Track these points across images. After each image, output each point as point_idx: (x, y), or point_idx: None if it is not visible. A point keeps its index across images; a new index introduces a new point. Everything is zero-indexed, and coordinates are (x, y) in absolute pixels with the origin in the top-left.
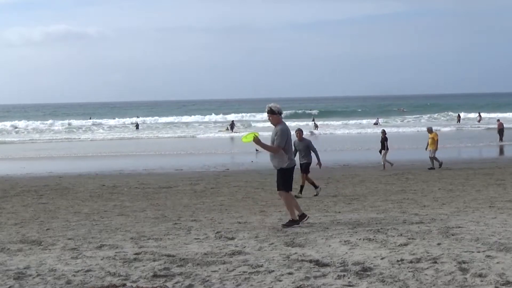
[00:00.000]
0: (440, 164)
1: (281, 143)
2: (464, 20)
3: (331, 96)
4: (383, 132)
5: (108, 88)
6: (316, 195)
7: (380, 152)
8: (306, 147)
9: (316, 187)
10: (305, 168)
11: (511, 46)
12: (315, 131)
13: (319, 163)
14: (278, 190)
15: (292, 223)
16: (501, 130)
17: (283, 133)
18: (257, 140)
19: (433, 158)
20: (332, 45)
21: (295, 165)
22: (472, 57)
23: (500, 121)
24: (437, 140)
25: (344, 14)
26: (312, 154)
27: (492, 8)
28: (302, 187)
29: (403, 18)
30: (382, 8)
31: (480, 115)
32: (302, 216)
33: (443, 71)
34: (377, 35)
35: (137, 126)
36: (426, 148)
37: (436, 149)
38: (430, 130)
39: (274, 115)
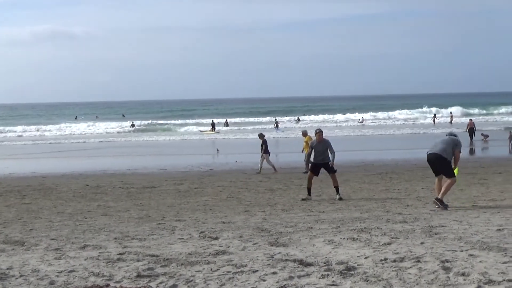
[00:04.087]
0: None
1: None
2: (450, 21)
3: (320, 95)
4: (261, 135)
5: (96, 88)
6: (304, 199)
7: (262, 155)
8: (326, 149)
9: (309, 194)
10: (330, 168)
11: (496, 47)
12: (276, 131)
13: (332, 163)
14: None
15: (443, 204)
16: (471, 130)
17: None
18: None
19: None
20: (321, 44)
21: (427, 155)
22: (458, 58)
23: (472, 120)
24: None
25: (331, 14)
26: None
27: (477, 10)
28: (337, 187)
29: (391, 18)
30: (369, 9)
31: (451, 116)
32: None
33: (430, 71)
34: (364, 35)
35: (132, 125)
36: (302, 151)
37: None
38: (305, 134)
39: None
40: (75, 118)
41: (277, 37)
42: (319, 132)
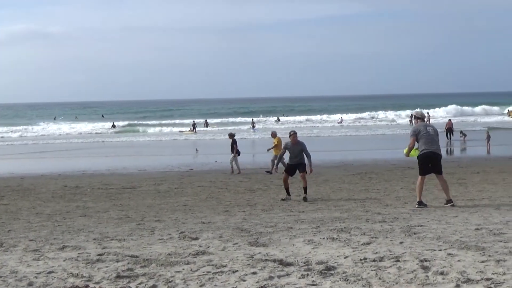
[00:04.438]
0: (270, 172)
1: (410, 134)
2: (424, 22)
3: (303, 96)
4: (231, 135)
5: (74, 88)
6: (284, 199)
7: (234, 155)
8: (300, 151)
9: (289, 194)
10: (303, 168)
11: (471, 47)
12: (252, 130)
13: (311, 169)
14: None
15: (421, 204)
16: (449, 130)
17: (413, 128)
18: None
19: (274, 161)
20: (296, 45)
21: (429, 153)
22: (432, 57)
23: (450, 120)
24: (279, 144)
25: (305, 14)
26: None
27: (451, 11)
28: (305, 188)
29: (365, 19)
30: (344, 9)
31: (429, 115)
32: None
33: (403, 71)
34: (339, 36)
35: (113, 126)
36: (268, 150)
37: (278, 153)
38: (274, 135)
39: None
40: (54, 119)
41: (260, 37)
42: (293, 134)
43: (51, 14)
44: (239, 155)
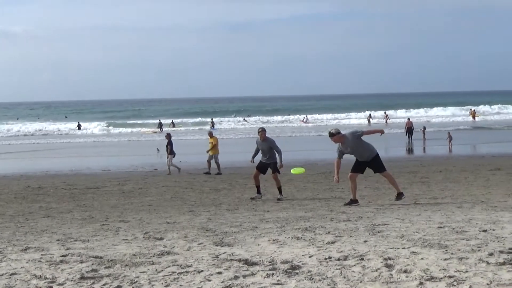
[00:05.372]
0: (218, 170)
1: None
2: (390, 22)
3: (264, 95)
4: (168, 136)
5: (36, 87)
6: (253, 198)
7: (167, 156)
8: (269, 148)
9: (259, 192)
10: (274, 167)
11: (435, 47)
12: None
13: (280, 164)
14: (383, 172)
15: (401, 196)
16: (409, 129)
17: (354, 131)
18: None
19: (210, 162)
20: (261, 44)
21: None
22: (398, 58)
23: (410, 120)
24: (216, 144)
25: (273, 14)
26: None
27: (416, 11)
28: (279, 188)
29: (331, 19)
30: (311, 9)
31: (387, 115)
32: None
33: (368, 71)
34: (305, 35)
35: (79, 126)
36: (208, 151)
37: (216, 153)
38: (210, 135)
39: (334, 136)
40: (17, 119)
41: (230, 37)
42: (261, 131)
43: (13, 13)
44: (174, 156)
